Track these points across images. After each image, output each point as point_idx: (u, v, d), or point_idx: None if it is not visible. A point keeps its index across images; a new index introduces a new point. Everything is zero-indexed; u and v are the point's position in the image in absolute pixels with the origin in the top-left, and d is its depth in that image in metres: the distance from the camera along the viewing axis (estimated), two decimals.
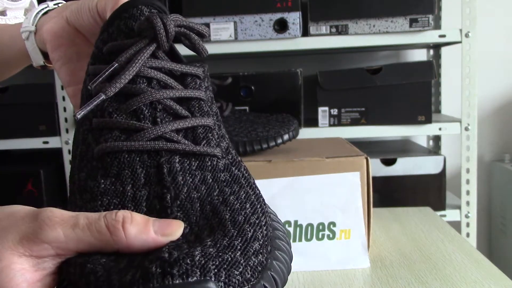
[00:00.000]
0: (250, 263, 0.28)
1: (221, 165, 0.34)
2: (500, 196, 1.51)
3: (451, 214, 1.29)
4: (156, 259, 0.26)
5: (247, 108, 1.24)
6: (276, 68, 1.48)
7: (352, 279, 0.56)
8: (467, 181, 1.27)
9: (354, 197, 0.59)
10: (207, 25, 1.23)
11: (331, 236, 0.59)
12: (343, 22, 1.23)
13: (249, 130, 0.69)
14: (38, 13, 0.48)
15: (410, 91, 1.25)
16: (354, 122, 1.27)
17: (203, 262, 0.27)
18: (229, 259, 0.28)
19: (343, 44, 1.24)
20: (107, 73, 0.34)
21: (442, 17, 1.50)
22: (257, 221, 0.31)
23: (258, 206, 0.33)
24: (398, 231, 0.71)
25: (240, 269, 0.28)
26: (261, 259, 0.29)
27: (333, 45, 1.24)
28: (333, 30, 1.23)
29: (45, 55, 0.48)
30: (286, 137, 0.69)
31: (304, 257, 0.59)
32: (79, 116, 0.33)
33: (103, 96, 0.33)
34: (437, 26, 1.49)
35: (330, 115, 1.28)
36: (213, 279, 0.26)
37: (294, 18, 1.22)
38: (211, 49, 1.24)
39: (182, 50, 0.40)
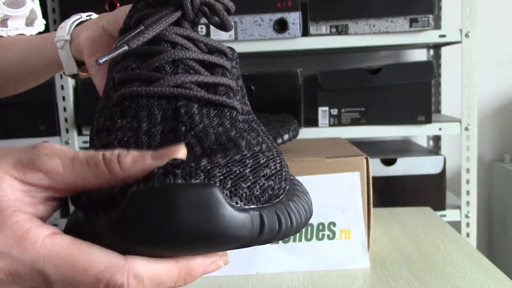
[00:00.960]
0: (259, 182, 0.28)
1: (241, 118, 0.34)
2: (500, 196, 1.51)
3: (451, 214, 1.28)
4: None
5: None
6: (276, 68, 1.48)
7: (352, 279, 0.56)
8: (467, 181, 1.27)
9: (354, 197, 0.59)
10: (207, 25, 1.23)
11: (331, 236, 0.59)
12: (343, 22, 1.23)
13: None
14: (72, 23, 0.49)
15: (410, 91, 1.25)
16: (354, 122, 1.27)
17: (209, 167, 0.26)
18: (238, 171, 0.27)
19: (343, 44, 1.24)
20: (132, 33, 0.34)
21: (442, 17, 1.50)
22: (270, 156, 0.30)
23: (274, 150, 0.32)
24: (398, 231, 0.71)
25: (248, 184, 0.27)
26: (273, 185, 0.28)
27: (333, 45, 1.24)
28: (333, 30, 1.23)
29: (78, 64, 0.49)
30: (286, 137, 0.69)
31: (304, 257, 0.59)
32: (100, 62, 0.33)
33: (125, 47, 0.33)
34: (437, 26, 1.49)
35: (330, 115, 1.28)
36: (217, 184, 0.26)
37: (294, 18, 1.22)
38: None
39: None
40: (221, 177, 0.26)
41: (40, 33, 0.62)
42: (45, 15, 1.31)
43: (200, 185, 0.25)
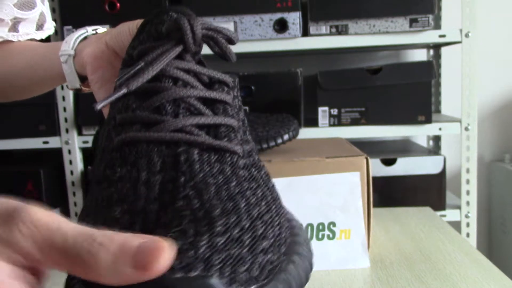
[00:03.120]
0: (258, 260, 0.27)
1: (241, 163, 0.33)
2: (500, 196, 1.51)
3: (451, 214, 1.28)
4: None
5: (247, 108, 1.24)
6: (276, 68, 1.48)
7: (352, 279, 0.56)
8: (467, 181, 1.27)
9: (354, 197, 0.59)
10: None
11: (331, 236, 0.59)
12: (343, 22, 1.23)
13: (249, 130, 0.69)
14: (77, 38, 0.49)
15: (410, 91, 1.25)
16: (354, 122, 1.27)
17: (207, 255, 0.25)
18: (236, 254, 0.26)
19: (343, 44, 1.24)
20: (133, 71, 0.34)
21: (442, 17, 1.50)
22: (269, 220, 0.30)
23: (273, 207, 0.32)
24: (398, 231, 0.71)
25: (247, 266, 0.26)
26: (272, 258, 0.28)
27: (333, 45, 1.24)
28: (333, 30, 1.23)
29: (81, 78, 0.49)
30: (286, 137, 0.69)
31: None
32: (98, 107, 0.33)
33: (124, 89, 0.33)
34: (437, 26, 1.49)
35: (330, 115, 1.28)
36: (216, 275, 0.25)
37: (294, 18, 1.22)
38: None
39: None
40: (220, 264, 0.25)
41: (48, 37, 0.62)
42: None
43: (199, 278, 0.24)
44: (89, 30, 0.50)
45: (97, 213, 0.31)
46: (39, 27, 0.60)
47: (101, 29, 0.51)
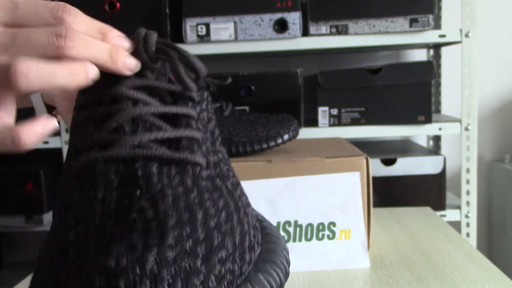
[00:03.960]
0: (214, 271, 0.26)
1: (204, 174, 0.32)
2: (500, 196, 1.51)
3: (451, 214, 1.28)
4: (101, 268, 0.24)
5: (247, 108, 1.24)
6: (276, 68, 1.48)
7: (352, 279, 0.56)
8: (467, 181, 1.27)
9: (354, 197, 0.59)
10: (207, 25, 1.23)
11: (331, 236, 0.59)
12: (343, 22, 1.23)
13: (249, 130, 0.69)
14: None
15: (410, 91, 1.25)
16: (354, 122, 1.27)
17: (155, 271, 0.24)
18: (188, 267, 0.25)
19: (343, 44, 1.24)
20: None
21: (442, 17, 1.50)
22: (228, 230, 0.29)
23: (236, 216, 0.31)
24: (398, 231, 0.71)
25: (202, 278, 0.25)
26: (232, 268, 0.27)
27: (333, 45, 1.24)
28: (333, 30, 1.23)
29: (49, 108, 0.47)
30: (286, 137, 0.69)
31: (304, 257, 0.59)
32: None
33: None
34: (437, 26, 1.49)
35: (330, 115, 1.28)
36: None
37: (294, 18, 1.22)
38: (211, 49, 1.24)
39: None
40: (170, 280, 0.24)
41: None
42: None
43: None
44: None
45: (53, 242, 0.30)
46: None
47: None
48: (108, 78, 0.33)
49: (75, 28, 0.31)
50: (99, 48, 0.31)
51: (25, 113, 0.39)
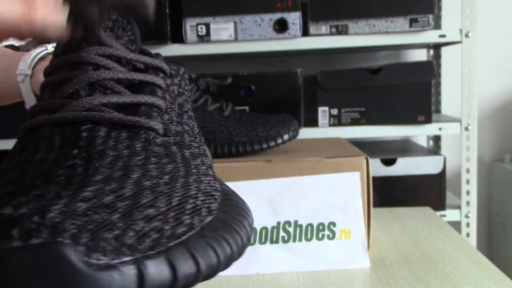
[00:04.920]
0: (135, 227, 0.23)
1: (159, 141, 0.30)
2: (500, 196, 1.51)
3: (451, 214, 1.28)
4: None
5: (247, 108, 1.24)
6: (276, 68, 1.48)
7: (352, 279, 0.56)
8: (467, 181, 1.27)
9: (354, 197, 0.59)
10: (207, 25, 1.23)
11: (331, 236, 0.59)
12: (343, 22, 1.23)
13: (249, 130, 0.69)
14: (35, 56, 0.46)
15: (410, 91, 1.25)
16: (354, 122, 1.27)
17: (57, 220, 0.21)
18: (100, 220, 0.22)
19: (343, 44, 1.24)
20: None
21: (442, 17, 1.50)
22: (165, 191, 0.26)
23: (181, 180, 0.28)
24: (398, 231, 0.71)
25: (116, 232, 0.22)
26: (160, 227, 0.24)
27: (333, 45, 1.24)
28: (333, 30, 1.23)
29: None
30: (286, 137, 0.69)
31: (304, 257, 0.59)
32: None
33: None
34: (437, 26, 1.49)
35: (330, 115, 1.28)
36: (67, 241, 0.20)
37: (294, 18, 1.22)
38: (211, 49, 1.24)
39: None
40: (74, 230, 0.21)
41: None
42: None
43: (41, 246, 0.20)
44: (49, 47, 0.47)
45: None
46: None
47: None
48: (75, 46, 0.31)
49: None
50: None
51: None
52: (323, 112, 1.28)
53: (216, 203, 0.29)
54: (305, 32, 1.25)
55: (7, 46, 0.56)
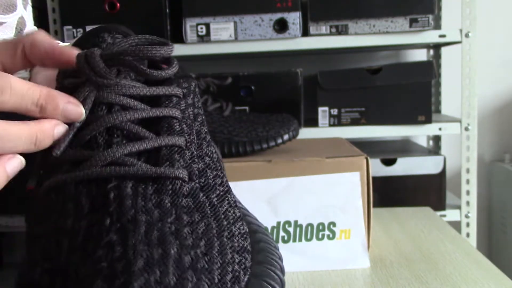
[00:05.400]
0: None
1: (186, 189, 0.30)
2: (500, 196, 1.51)
3: (451, 214, 1.28)
4: None
5: (247, 108, 1.24)
6: (276, 68, 1.48)
7: (352, 279, 0.56)
8: (467, 181, 1.27)
9: (354, 197, 0.59)
10: (207, 25, 1.23)
11: (331, 236, 0.59)
12: (343, 22, 1.23)
13: (249, 130, 0.69)
14: None
15: (410, 91, 1.25)
16: (354, 122, 1.27)
17: None
18: None
19: (343, 44, 1.24)
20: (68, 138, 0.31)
21: (442, 17, 1.50)
22: (206, 265, 0.26)
23: (217, 243, 0.28)
24: (398, 231, 0.71)
25: None
26: None
27: (333, 45, 1.24)
28: (333, 30, 1.23)
29: None
30: (286, 137, 0.69)
31: (304, 257, 0.59)
32: (59, 153, 0.31)
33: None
34: (437, 26, 1.49)
35: (330, 115, 1.28)
36: None
37: (294, 18, 1.22)
38: (211, 49, 1.24)
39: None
40: None
41: None
42: (44, 18, 1.31)
43: None
44: None
45: (21, 277, 0.28)
46: (18, 32, 0.56)
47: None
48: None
49: (6, 106, 0.30)
50: (18, 139, 0.30)
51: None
52: (323, 112, 1.28)
53: (249, 256, 0.29)
54: (305, 32, 1.25)
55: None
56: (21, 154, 0.32)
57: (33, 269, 0.27)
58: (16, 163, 0.31)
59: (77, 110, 0.30)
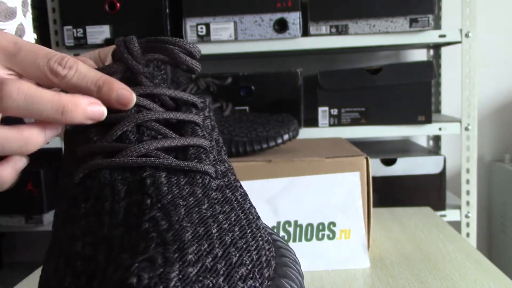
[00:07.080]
0: None
1: (214, 184, 0.32)
2: (500, 196, 1.51)
3: (451, 214, 1.28)
4: (120, 284, 0.23)
5: (247, 108, 1.24)
6: (276, 68, 1.48)
7: (352, 279, 0.56)
8: (467, 181, 1.27)
9: (354, 197, 0.59)
10: (207, 25, 1.23)
11: (331, 236, 0.59)
12: (343, 22, 1.23)
13: (249, 130, 0.69)
14: None
15: (410, 91, 1.25)
16: (354, 122, 1.27)
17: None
18: (211, 285, 0.24)
19: (343, 44, 1.24)
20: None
21: (442, 17, 1.50)
22: (244, 246, 0.28)
23: (249, 231, 0.30)
24: (398, 231, 0.71)
25: None
26: (253, 284, 0.26)
27: (333, 45, 1.24)
28: (333, 30, 1.23)
29: None
30: (286, 137, 0.69)
31: (304, 257, 0.59)
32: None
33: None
34: (437, 26, 1.49)
35: (330, 115, 1.28)
36: None
37: (294, 18, 1.22)
38: (211, 49, 1.24)
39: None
40: None
41: None
42: (44, 18, 1.31)
43: None
44: None
45: (59, 253, 0.29)
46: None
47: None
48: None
49: (70, 81, 0.32)
50: (47, 103, 0.32)
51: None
52: (323, 112, 1.28)
53: (273, 248, 0.31)
54: (305, 32, 1.25)
55: None
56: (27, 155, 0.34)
57: (74, 243, 0.28)
58: (22, 164, 0.33)
59: (129, 96, 0.32)
